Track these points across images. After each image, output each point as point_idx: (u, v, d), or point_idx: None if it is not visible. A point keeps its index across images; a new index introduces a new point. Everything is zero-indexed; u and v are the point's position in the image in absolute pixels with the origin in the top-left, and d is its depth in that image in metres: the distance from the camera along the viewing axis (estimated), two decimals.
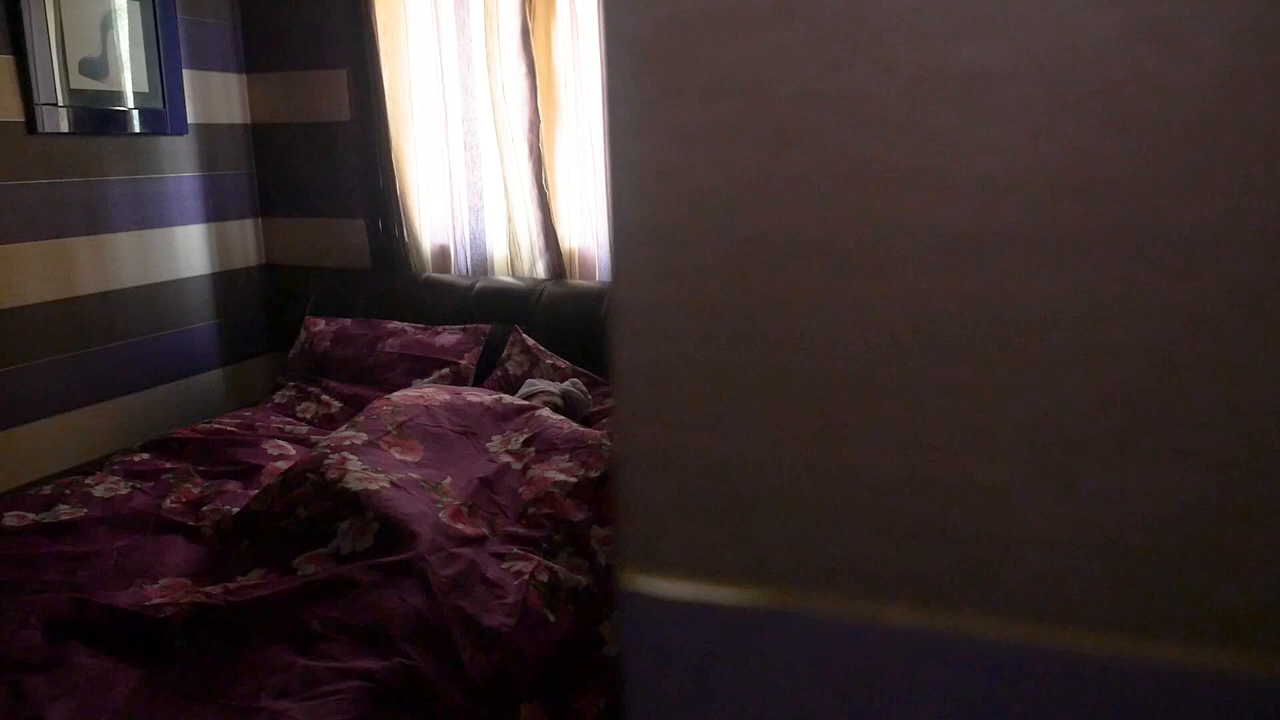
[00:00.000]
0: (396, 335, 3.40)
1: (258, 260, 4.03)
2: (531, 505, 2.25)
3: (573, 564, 2.10)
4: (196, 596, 1.97)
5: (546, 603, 1.95)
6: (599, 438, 2.50)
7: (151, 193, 3.54)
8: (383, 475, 2.21)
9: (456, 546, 2.03)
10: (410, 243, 3.71)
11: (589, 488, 2.29)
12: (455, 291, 3.52)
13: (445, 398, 2.66)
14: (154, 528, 2.37)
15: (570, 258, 3.51)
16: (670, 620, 0.44)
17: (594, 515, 2.23)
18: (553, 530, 2.17)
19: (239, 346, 3.95)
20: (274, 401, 3.34)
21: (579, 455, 2.42)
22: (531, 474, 2.39)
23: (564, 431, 2.54)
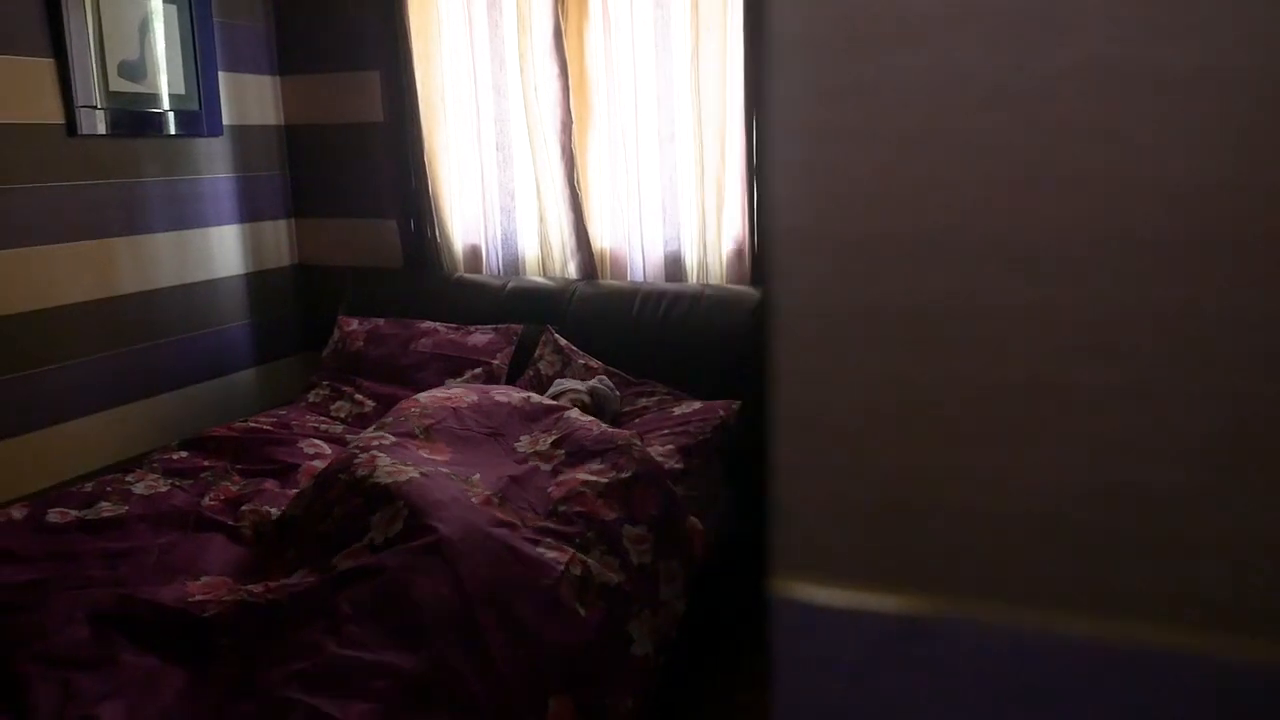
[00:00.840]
0: (429, 335, 3.40)
1: (291, 260, 4.05)
2: (562, 504, 2.24)
3: (605, 562, 2.09)
4: (239, 595, 1.99)
5: (577, 596, 1.95)
6: (629, 438, 2.48)
7: (188, 194, 3.56)
8: (411, 468, 2.21)
9: (489, 527, 2.02)
10: (442, 243, 3.71)
11: (620, 489, 2.28)
12: (487, 291, 3.52)
13: (473, 398, 2.66)
14: (194, 525, 2.39)
15: (602, 258, 3.50)
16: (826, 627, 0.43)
17: (626, 515, 2.22)
18: (584, 527, 2.16)
19: (273, 346, 3.96)
20: (308, 400, 3.35)
21: (610, 458, 2.40)
22: (561, 476, 2.38)
23: (593, 433, 2.52)
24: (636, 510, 2.24)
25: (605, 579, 2.02)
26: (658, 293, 3.23)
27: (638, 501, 2.26)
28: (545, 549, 2.04)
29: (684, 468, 2.62)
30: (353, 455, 2.29)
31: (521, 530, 2.10)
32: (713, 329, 3.07)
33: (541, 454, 2.49)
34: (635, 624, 2.00)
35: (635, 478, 2.30)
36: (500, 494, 2.23)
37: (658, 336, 3.14)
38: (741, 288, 3.21)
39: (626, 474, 2.31)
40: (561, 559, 2.01)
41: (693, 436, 2.71)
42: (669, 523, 2.27)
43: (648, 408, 2.96)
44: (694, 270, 3.35)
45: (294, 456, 2.80)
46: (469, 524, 1.99)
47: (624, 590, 2.03)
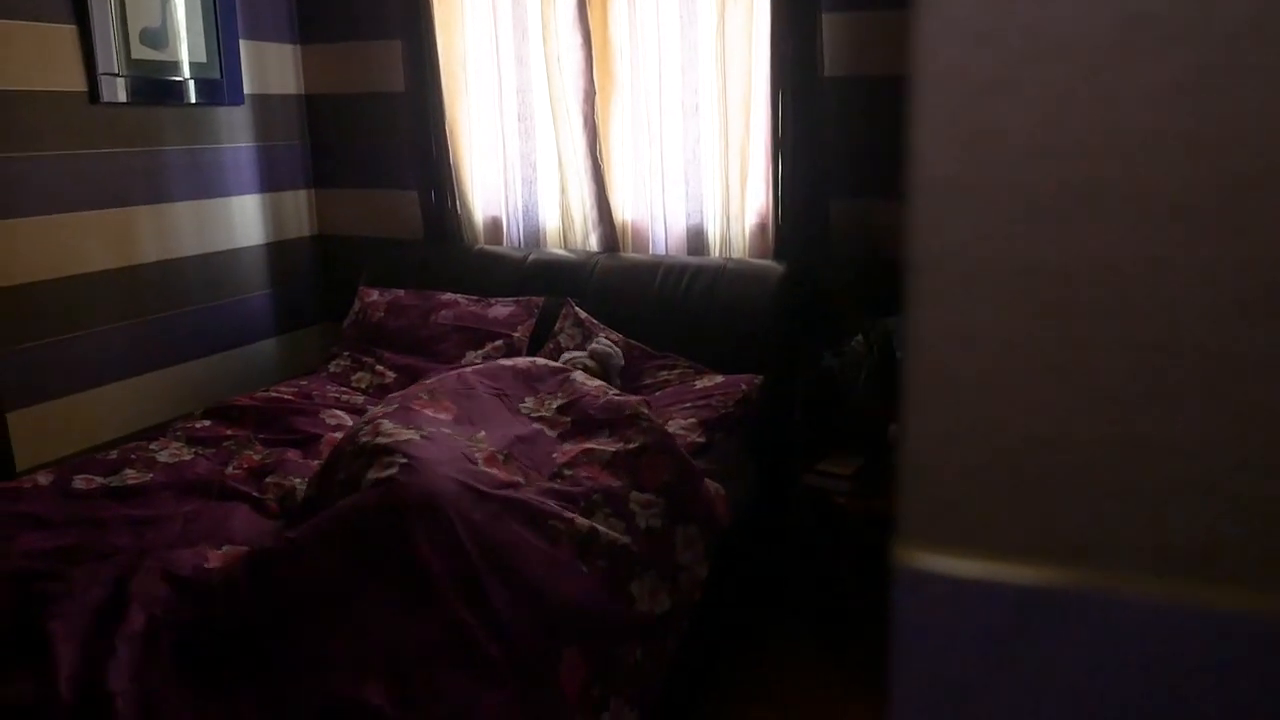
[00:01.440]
0: (450, 307, 3.39)
1: (311, 230, 4.04)
2: (566, 468, 2.25)
3: (610, 524, 2.10)
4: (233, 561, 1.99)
5: (580, 554, 1.97)
6: (636, 406, 2.47)
7: (208, 163, 3.55)
8: (413, 431, 2.21)
9: (490, 488, 2.02)
10: (463, 214, 3.69)
11: (628, 459, 2.28)
12: (508, 263, 3.50)
13: (478, 364, 2.70)
14: (218, 494, 2.39)
15: (624, 230, 3.48)
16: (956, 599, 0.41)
17: (633, 483, 2.23)
18: (591, 489, 2.17)
19: (293, 316, 3.96)
20: (328, 371, 3.35)
21: (618, 430, 2.39)
22: (567, 445, 2.39)
23: (600, 400, 2.51)
24: (645, 478, 2.24)
25: (611, 539, 2.04)
26: (680, 266, 3.21)
27: (646, 470, 2.26)
28: (552, 508, 2.06)
29: (706, 441, 2.61)
30: (358, 428, 2.30)
31: (525, 489, 2.10)
32: (735, 303, 3.04)
33: (547, 419, 2.49)
34: (637, 585, 2.02)
35: (643, 449, 2.30)
36: (505, 452, 2.24)
37: (680, 310, 3.12)
38: (764, 262, 3.18)
39: (634, 444, 2.31)
40: (564, 519, 2.02)
41: (715, 410, 2.71)
42: (682, 489, 2.27)
43: (669, 381, 2.96)
44: (717, 243, 3.32)
45: (316, 427, 2.80)
46: (467, 485, 1.99)
47: (631, 551, 2.04)
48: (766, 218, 3.23)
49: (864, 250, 3.07)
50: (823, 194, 3.11)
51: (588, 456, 2.29)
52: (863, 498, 2.64)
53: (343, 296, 3.77)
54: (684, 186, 3.34)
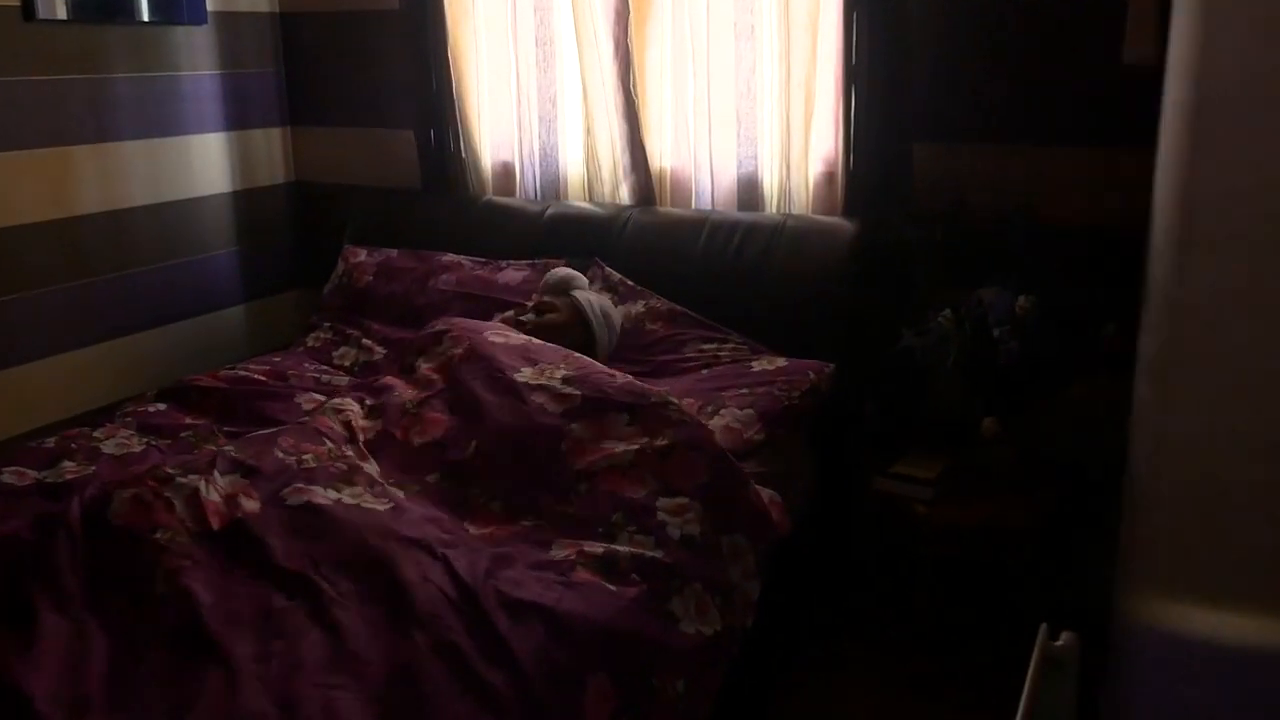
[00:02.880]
0: (451, 270, 3.39)
1: (286, 177, 4.03)
2: (584, 481, 2.29)
3: (636, 542, 2.14)
4: None
5: (604, 576, 2.02)
6: (664, 396, 2.49)
7: (163, 94, 3.55)
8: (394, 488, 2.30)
9: (481, 549, 2.10)
10: (468, 159, 3.68)
11: (654, 459, 2.31)
12: (522, 218, 3.49)
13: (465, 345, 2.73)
14: None
15: (661, 180, 3.45)
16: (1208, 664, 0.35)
17: (661, 487, 2.26)
18: (610, 508, 2.21)
19: (265, 279, 3.97)
20: (306, 345, 3.35)
21: (643, 420, 2.41)
22: (579, 434, 2.39)
23: (617, 382, 2.53)
24: (675, 480, 2.28)
25: (638, 554, 2.08)
26: (729, 224, 3.19)
27: (676, 471, 2.29)
28: (558, 548, 2.11)
29: (765, 438, 2.62)
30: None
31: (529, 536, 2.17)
32: (796, 269, 3.04)
33: (549, 390, 2.51)
34: (679, 601, 2.05)
35: (672, 446, 2.33)
36: (508, 500, 2.30)
37: (728, 278, 3.11)
38: (832, 219, 3.15)
39: (662, 441, 2.34)
40: (572, 554, 2.08)
41: (777, 401, 2.71)
42: (723, 492, 2.29)
43: (719, 357, 2.96)
44: (774, 197, 3.30)
45: (290, 413, 2.78)
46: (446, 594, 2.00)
47: (663, 563, 2.08)
48: (835, 165, 3.19)
49: (955, 205, 3.02)
50: (905, 136, 3.07)
51: (607, 461, 2.32)
52: (947, 506, 2.64)
53: (324, 256, 3.77)
54: (735, 126, 3.31)
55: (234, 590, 1.93)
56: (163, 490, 2.13)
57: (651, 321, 3.09)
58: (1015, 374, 2.70)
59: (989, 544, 2.60)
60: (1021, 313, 2.72)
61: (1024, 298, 2.73)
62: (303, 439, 2.39)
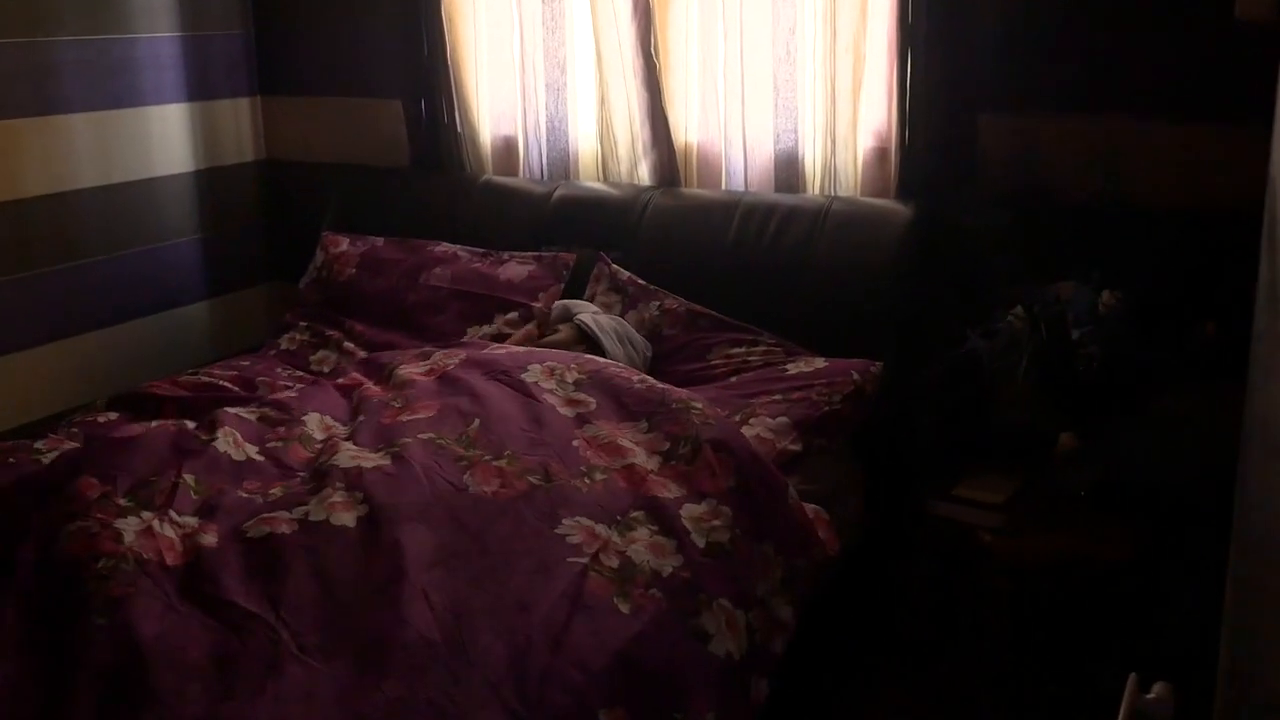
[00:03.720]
0: (446, 262, 3.38)
1: (256, 154, 4.02)
2: (599, 471, 2.33)
3: (654, 544, 2.16)
4: None
5: (617, 590, 2.03)
6: (686, 399, 2.52)
7: (116, 59, 3.52)
8: (380, 453, 2.34)
9: (481, 522, 2.13)
10: (464, 133, 3.66)
11: (681, 464, 2.36)
12: (526, 202, 3.48)
13: (461, 355, 2.79)
14: None
15: (687, 157, 3.43)
16: None
17: (689, 494, 2.29)
18: (628, 502, 2.24)
19: (232, 271, 3.95)
20: (280, 347, 3.35)
21: (661, 424, 2.45)
22: (592, 432, 2.44)
23: (634, 386, 2.58)
24: (702, 483, 2.32)
25: (657, 565, 2.10)
26: (765, 207, 3.18)
27: (703, 474, 2.34)
28: (568, 528, 2.12)
29: (802, 449, 2.63)
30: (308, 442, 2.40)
31: (537, 495, 2.21)
32: (843, 259, 3.03)
33: (562, 396, 2.56)
34: (709, 616, 2.07)
35: (697, 449, 2.37)
36: (509, 451, 2.34)
37: (763, 269, 3.10)
38: (884, 201, 3.13)
39: (684, 448, 2.38)
40: (589, 545, 2.09)
41: (815, 407, 2.71)
42: (754, 494, 2.33)
43: (749, 363, 2.96)
44: (816, 176, 3.28)
45: None
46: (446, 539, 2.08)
47: (684, 578, 2.11)
48: (888, 140, 3.15)
49: (1028, 186, 2.98)
50: (970, 106, 3.04)
51: (622, 460, 2.36)
52: (1017, 536, 2.61)
53: (299, 246, 3.74)
54: (772, 95, 3.28)
55: (182, 627, 1.91)
56: (112, 521, 2.12)
57: (669, 326, 3.09)
58: (1097, 382, 2.66)
59: (1067, 581, 2.57)
60: (1105, 311, 2.68)
61: (1108, 293, 2.69)
62: (269, 480, 2.38)
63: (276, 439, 2.52)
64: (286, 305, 3.58)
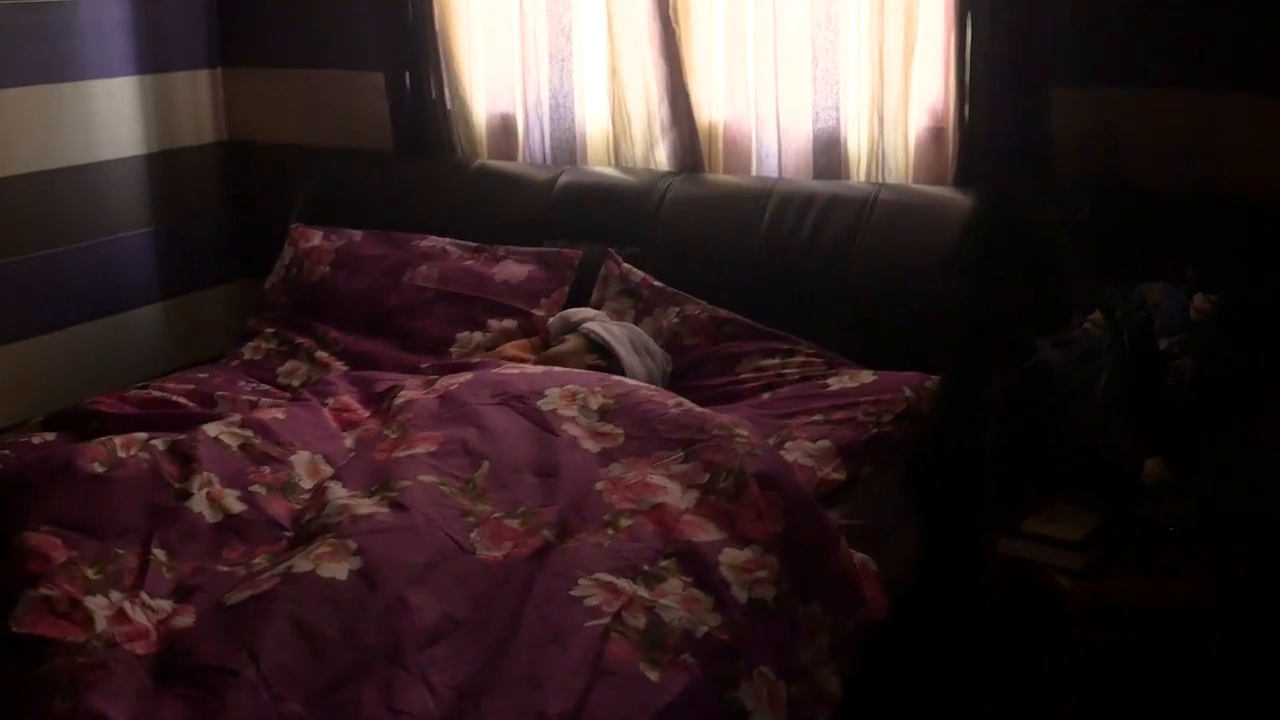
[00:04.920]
0: (433, 259, 3.38)
1: (217, 135, 4.04)
2: (624, 516, 2.31)
3: (689, 597, 2.14)
4: None
5: (643, 654, 2.01)
6: (729, 425, 2.51)
7: (53, 25, 3.53)
8: (375, 499, 2.33)
9: (487, 587, 2.13)
10: (455, 111, 3.68)
11: (721, 499, 2.33)
12: (526, 190, 3.49)
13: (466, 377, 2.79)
14: None
15: (710, 138, 3.43)
16: None
17: (729, 537, 2.27)
18: (658, 548, 2.22)
19: (189, 269, 3.96)
20: (242, 357, 3.35)
21: (700, 453, 2.43)
22: (618, 472, 2.43)
23: (669, 411, 2.57)
24: (746, 526, 2.29)
25: (690, 625, 2.07)
26: (802, 196, 3.19)
27: (748, 515, 2.31)
28: (586, 589, 2.10)
29: (846, 478, 2.63)
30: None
31: (554, 555, 2.20)
32: (892, 257, 3.03)
33: (584, 424, 2.56)
34: (748, 688, 2.05)
35: (742, 483, 2.34)
36: (524, 507, 2.33)
37: (800, 267, 3.10)
38: (940, 189, 3.14)
39: (726, 481, 2.35)
40: (609, 604, 2.07)
41: (861, 429, 2.71)
42: (803, 544, 2.31)
43: (785, 376, 2.95)
44: (861, 160, 3.29)
45: None
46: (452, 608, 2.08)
47: (722, 641, 2.08)
48: (945, 118, 3.16)
49: (1108, 172, 2.97)
50: (1040, 79, 3.02)
51: (654, 497, 2.33)
52: (1100, 578, 2.59)
53: (266, 240, 3.75)
54: (810, 67, 3.28)
55: (154, 711, 1.89)
56: (82, 599, 2.11)
57: (690, 335, 3.09)
58: (1190, 399, 2.64)
59: (1157, 629, 2.58)
60: (1198, 316, 2.67)
61: (1202, 296, 2.69)
62: (252, 543, 2.37)
63: (260, 482, 2.50)
64: (250, 308, 3.58)
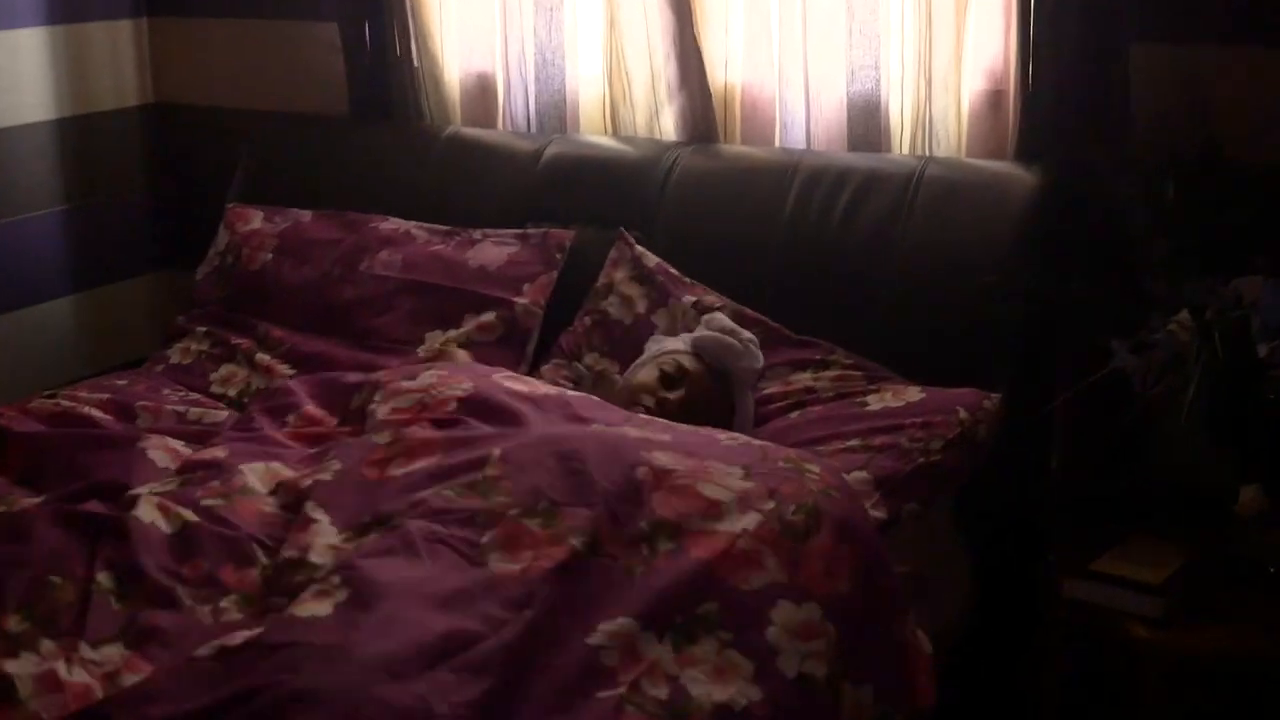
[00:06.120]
0: (396, 244, 3.38)
1: (142, 97, 4.04)
2: (667, 535, 2.30)
3: (725, 664, 2.13)
4: None
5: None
6: (795, 459, 2.52)
7: None
8: (368, 538, 2.34)
9: (505, 608, 2.12)
10: (423, 69, 3.69)
11: (785, 536, 2.32)
12: (507, 163, 3.49)
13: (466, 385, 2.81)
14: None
15: (727, 102, 3.44)
16: None
17: (789, 585, 2.26)
18: (699, 589, 2.21)
19: (106, 256, 3.97)
20: (169, 361, 3.35)
21: (764, 478, 2.43)
22: (664, 462, 2.45)
23: (719, 440, 2.61)
24: (809, 577, 2.29)
25: (723, 699, 2.07)
26: (835, 171, 3.19)
27: (813, 565, 2.31)
28: (604, 636, 2.10)
29: (888, 516, 2.63)
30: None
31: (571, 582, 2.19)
32: (941, 244, 3.04)
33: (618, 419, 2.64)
34: None
35: (813, 523, 2.35)
36: (546, 500, 2.36)
37: (832, 257, 3.09)
38: (998, 165, 3.15)
39: (796, 515, 2.34)
40: (626, 670, 2.07)
41: (907, 458, 2.71)
42: (866, 614, 2.32)
43: (816, 392, 2.96)
44: (905, 129, 3.31)
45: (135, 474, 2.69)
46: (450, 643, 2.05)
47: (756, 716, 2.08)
48: (1004, 79, 3.17)
49: (1199, 145, 2.94)
50: (1118, 33, 3.00)
51: (700, 518, 2.32)
52: (1185, 627, 2.61)
53: (197, 221, 3.75)
54: (844, 19, 3.28)
55: None
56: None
57: None
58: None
59: (1253, 687, 2.56)
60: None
61: None
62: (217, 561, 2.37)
63: (210, 496, 2.50)
64: (179, 303, 3.58)
